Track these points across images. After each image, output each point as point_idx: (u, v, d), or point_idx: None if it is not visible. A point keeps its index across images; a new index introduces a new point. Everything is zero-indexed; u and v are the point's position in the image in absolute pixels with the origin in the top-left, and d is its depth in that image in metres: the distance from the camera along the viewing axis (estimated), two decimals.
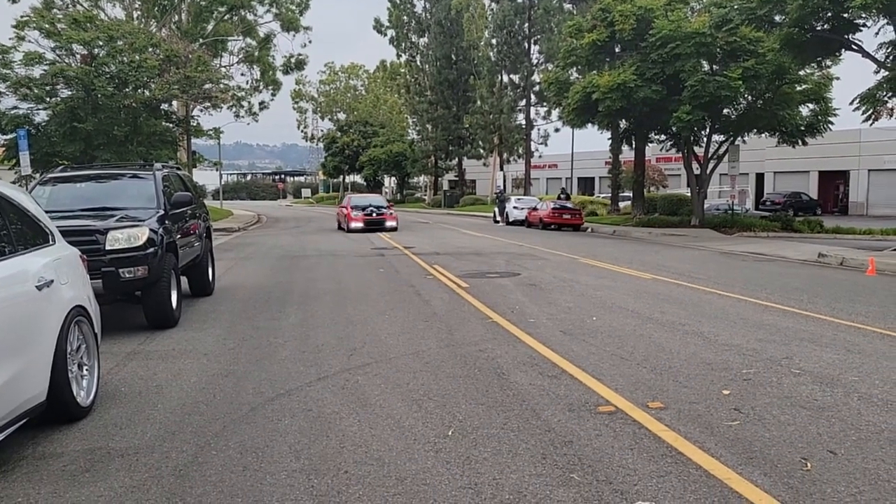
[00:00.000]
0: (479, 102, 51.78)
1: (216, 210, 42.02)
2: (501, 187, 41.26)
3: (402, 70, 62.90)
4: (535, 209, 32.40)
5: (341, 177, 79.50)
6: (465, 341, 7.35)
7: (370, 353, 6.87)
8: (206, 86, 29.28)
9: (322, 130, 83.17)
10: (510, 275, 13.14)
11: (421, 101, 58.07)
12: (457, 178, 64.59)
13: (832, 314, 8.89)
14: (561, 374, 5.99)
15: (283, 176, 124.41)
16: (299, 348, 7.09)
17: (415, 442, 4.43)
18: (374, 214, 27.92)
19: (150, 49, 26.51)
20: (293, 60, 43.27)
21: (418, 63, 59.36)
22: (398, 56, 61.78)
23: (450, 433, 4.57)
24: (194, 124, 31.82)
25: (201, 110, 32.48)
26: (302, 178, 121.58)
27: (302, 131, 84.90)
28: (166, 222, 8.56)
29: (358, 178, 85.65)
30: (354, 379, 5.91)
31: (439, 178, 66.52)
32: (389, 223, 27.96)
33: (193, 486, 3.82)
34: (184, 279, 10.12)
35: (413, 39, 59.20)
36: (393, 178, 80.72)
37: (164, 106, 27.86)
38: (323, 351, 6.96)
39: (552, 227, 30.12)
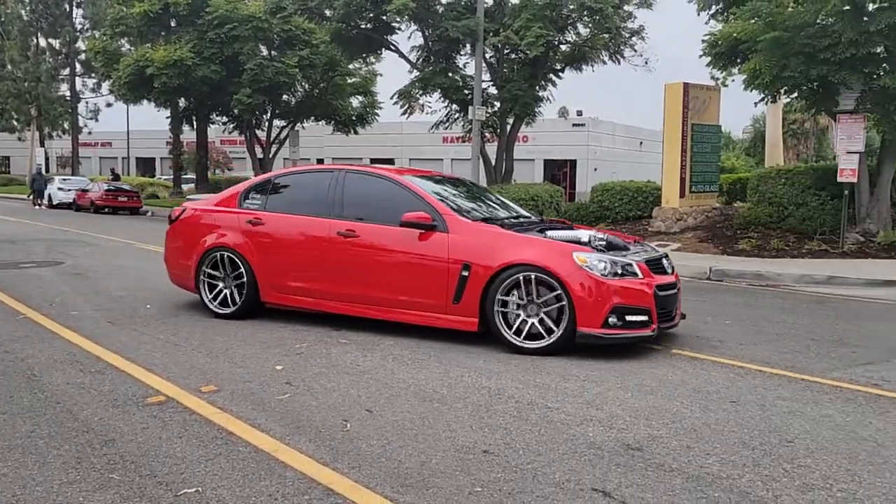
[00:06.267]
0: (9, 67, 44.45)
1: None
2: (42, 165, 36.43)
3: None
4: (85, 191, 29.49)
5: None
6: None
7: None
8: None
9: None
10: (51, 263, 11.65)
11: None
12: None
13: None
14: (106, 369, 5.49)
15: None
16: None
17: None
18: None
19: None
20: None
21: None
22: None
23: None
24: None
25: None
26: None
27: None
28: None
29: None
30: None
31: None
32: None
33: None
34: None
35: None
36: None
37: None
38: None
39: (106, 210, 27.93)
